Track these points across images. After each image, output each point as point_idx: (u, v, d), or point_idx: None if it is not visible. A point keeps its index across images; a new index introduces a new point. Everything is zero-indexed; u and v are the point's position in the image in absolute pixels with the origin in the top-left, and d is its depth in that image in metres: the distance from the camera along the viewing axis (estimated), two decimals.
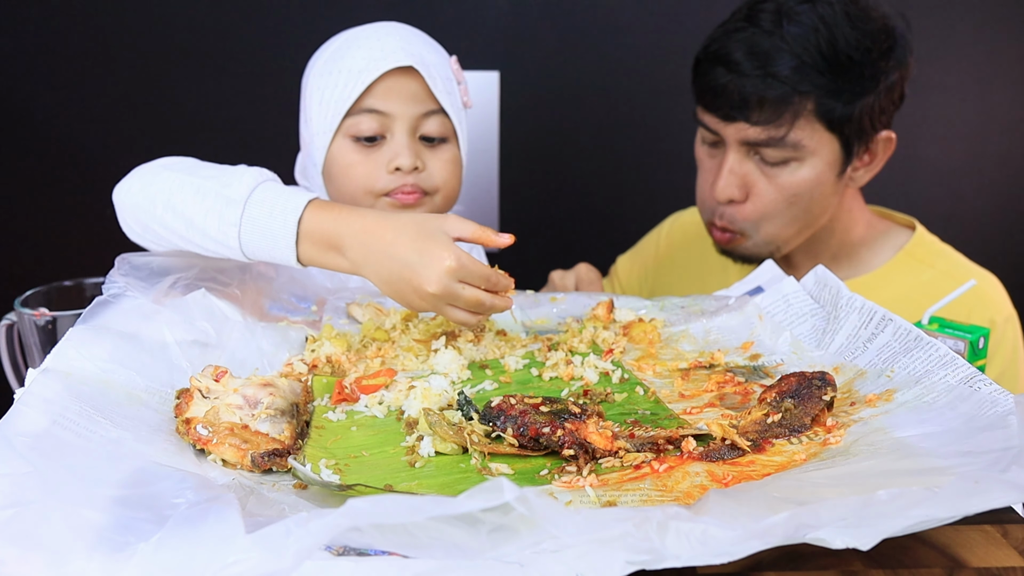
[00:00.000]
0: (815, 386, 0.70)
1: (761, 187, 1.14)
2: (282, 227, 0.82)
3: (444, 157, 1.08)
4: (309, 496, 0.60)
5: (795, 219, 1.16)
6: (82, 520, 0.50)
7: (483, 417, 0.67)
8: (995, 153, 1.65)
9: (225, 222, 0.82)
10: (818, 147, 1.11)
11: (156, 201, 0.85)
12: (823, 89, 1.07)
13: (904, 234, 1.26)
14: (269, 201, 0.82)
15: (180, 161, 0.89)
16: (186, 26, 1.58)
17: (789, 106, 1.08)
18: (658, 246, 1.45)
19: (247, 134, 1.62)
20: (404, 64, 1.02)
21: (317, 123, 1.06)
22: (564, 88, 1.63)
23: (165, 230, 0.85)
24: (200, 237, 0.84)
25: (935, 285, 1.18)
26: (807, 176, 1.12)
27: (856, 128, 1.11)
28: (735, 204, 1.16)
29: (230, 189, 0.83)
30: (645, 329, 0.92)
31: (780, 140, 1.09)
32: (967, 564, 0.53)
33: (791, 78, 1.07)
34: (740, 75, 1.09)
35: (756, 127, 1.09)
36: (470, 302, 0.79)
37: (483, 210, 1.67)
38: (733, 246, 1.20)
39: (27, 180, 1.63)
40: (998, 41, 1.59)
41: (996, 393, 0.63)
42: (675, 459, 0.63)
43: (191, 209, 0.83)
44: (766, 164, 1.13)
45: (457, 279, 0.78)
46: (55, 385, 0.63)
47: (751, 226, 1.17)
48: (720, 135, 1.14)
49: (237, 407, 0.69)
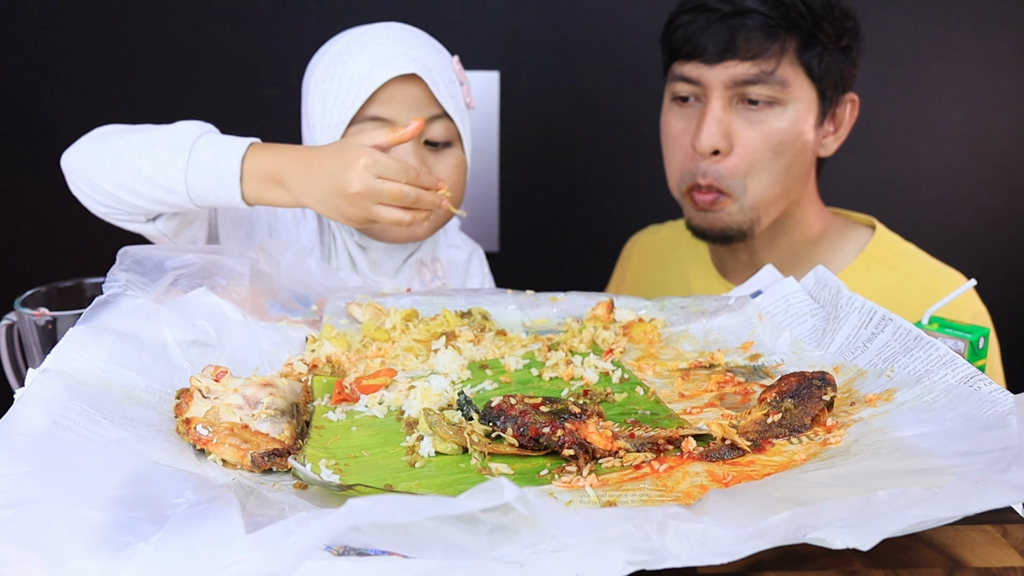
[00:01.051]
0: (815, 386, 0.70)
1: (747, 136, 1.13)
2: (226, 167, 0.88)
3: (449, 162, 1.08)
4: (309, 496, 0.60)
5: (780, 176, 1.15)
6: (82, 520, 0.50)
7: (483, 417, 0.67)
8: (995, 153, 1.65)
9: (172, 167, 0.88)
10: (800, 93, 1.13)
11: (104, 157, 0.91)
12: (801, 31, 1.11)
13: (864, 233, 1.25)
14: (214, 145, 0.89)
15: (124, 126, 0.95)
16: (187, 26, 1.58)
17: (776, 40, 1.10)
18: (624, 273, 1.44)
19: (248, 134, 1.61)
20: (407, 71, 1.02)
21: (320, 130, 1.06)
22: (564, 88, 1.63)
23: (113, 185, 0.91)
24: (148, 186, 0.89)
25: (898, 288, 1.17)
26: (791, 121, 1.13)
27: (829, 81, 1.14)
28: (720, 158, 1.14)
29: (176, 138, 0.89)
30: (645, 329, 0.92)
31: (770, 75, 1.11)
32: (967, 564, 0.53)
33: (768, 13, 1.10)
34: (718, 15, 1.11)
35: (746, 62, 1.11)
36: (394, 195, 0.85)
37: (483, 210, 1.67)
38: (717, 209, 1.17)
39: (27, 180, 1.63)
40: (998, 41, 1.59)
41: (996, 393, 0.63)
42: (675, 459, 0.63)
43: (139, 160, 0.89)
44: (751, 110, 1.13)
45: (375, 174, 0.85)
46: (55, 385, 0.63)
47: (738, 183, 1.15)
48: (701, 83, 1.14)
49: (237, 407, 0.69)
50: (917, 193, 1.66)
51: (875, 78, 1.58)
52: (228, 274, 0.90)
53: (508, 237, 1.70)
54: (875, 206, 1.49)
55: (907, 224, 1.41)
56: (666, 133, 1.21)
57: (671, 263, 1.34)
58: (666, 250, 1.38)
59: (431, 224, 1.10)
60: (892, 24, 1.58)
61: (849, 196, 1.60)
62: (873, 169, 1.65)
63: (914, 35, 1.60)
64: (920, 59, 1.61)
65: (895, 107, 1.62)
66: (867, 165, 1.64)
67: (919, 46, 1.60)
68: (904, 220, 1.46)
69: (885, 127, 1.63)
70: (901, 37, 1.59)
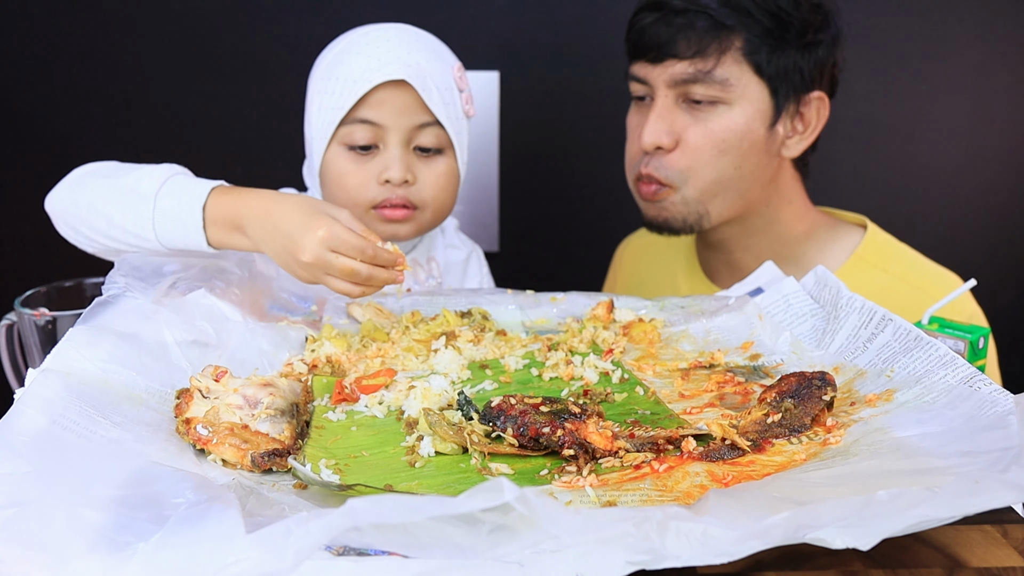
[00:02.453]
0: (815, 386, 0.70)
1: (690, 134, 1.13)
2: (189, 215, 0.88)
3: (438, 170, 1.07)
4: (309, 496, 0.60)
5: (725, 174, 1.14)
6: (82, 520, 0.50)
7: (483, 417, 0.67)
8: (995, 153, 1.65)
9: (140, 216, 0.89)
10: (746, 91, 1.11)
11: (79, 204, 0.92)
12: (749, 29, 1.09)
13: (855, 234, 1.22)
14: (176, 193, 0.89)
15: (101, 166, 0.95)
16: (188, 26, 1.58)
17: (715, 39, 1.09)
18: (616, 277, 1.44)
19: (249, 135, 1.62)
20: (397, 77, 1.01)
21: (315, 128, 1.06)
22: (564, 88, 1.63)
23: (91, 231, 0.92)
24: (121, 233, 0.90)
25: (891, 291, 1.15)
26: (736, 121, 1.12)
27: (784, 80, 1.12)
28: (663, 153, 1.14)
29: (141, 185, 0.90)
30: (645, 329, 0.92)
31: (707, 74, 1.10)
32: (967, 564, 0.53)
33: (717, 11, 1.09)
34: (668, 13, 1.11)
35: (683, 61, 1.10)
36: (344, 271, 0.85)
37: (483, 210, 1.67)
38: (660, 200, 1.17)
39: (27, 180, 1.63)
40: (998, 41, 1.59)
41: (996, 393, 0.63)
42: (675, 459, 0.63)
43: (109, 207, 0.90)
44: (695, 108, 1.12)
45: (328, 248, 0.84)
46: (55, 385, 0.63)
47: (679, 176, 1.14)
48: (647, 82, 1.14)
49: (237, 407, 0.69)
50: (917, 193, 1.66)
51: (875, 78, 1.58)
52: (227, 277, 0.90)
53: (508, 237, 1.70)
54: (874, 206, 1.48)
55: (907, 224, 1.41)
56: (627, 131, 1.23)
57: (660, 266, 1.33)
58: (655, 253, 1.38)
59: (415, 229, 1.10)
60: (892, 24, 1.58)
61: (848, 196, 1.60)
62: (872, 169, 1.65)
63: (914, 35, 1.60)
64: (920, 59, 1.61)
65: (895, 107, 1.62)
66: (866, 165, 1.64)
67: (919, 46, 1.60)
68: (904, 220, 1.46)
69: (885, 127, 1.63)
70: (901, 37, 1.59)
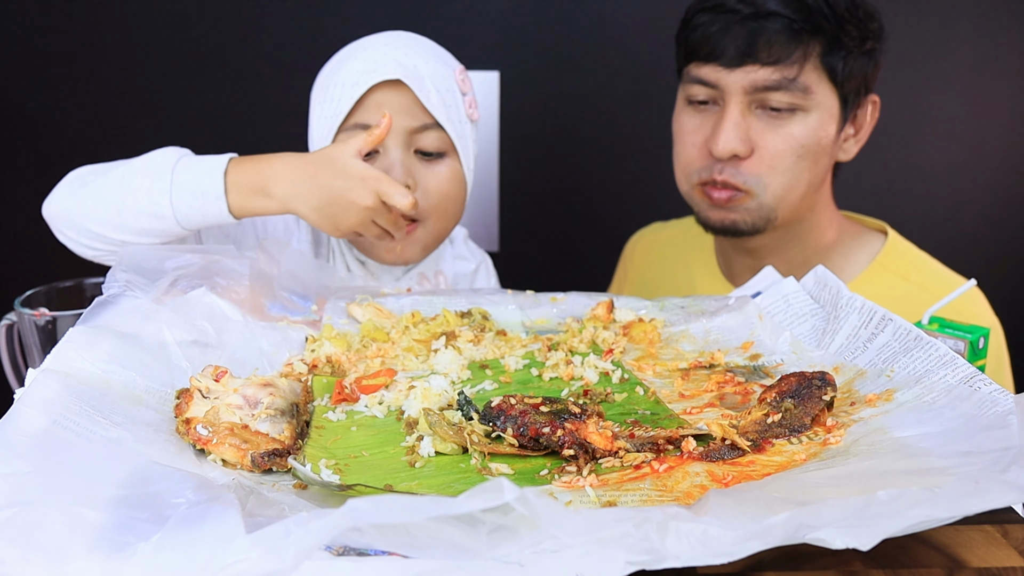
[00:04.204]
0: (815, 386, 0.70)
1: (768, 141, 1.09)
2: (209, 183, 0.89)
3: (440, 174, 1.05)
4: (309, 496, 0.60)
5: (801, 177, 1.11)
6: (82, 520, 0.49)
7: (483, 417, 0.67)
8: (995, 153, 1.65)
9: (156, 192, 0.89)
10: (823, 98, 1.09)
11: (85, 199, 0.92)
12: (826, 35, 1.07)
13: (876, 240, 1.22)
14: (195, 166, 0.90)
15: (96, 166, 0.96)
16: (188, 26, 1.58)
17: (799, 44, 1.06)
18: (626, 271, 1.42)
19: (249, 135, 1.62)
20: (391, 77, 1.00)
21: (316, 138, 1.05)
22: (564, 88, 1.63)
23: (98, 224, 0.91)
24: (133, 217, 0.90)
25: (910, 299, 1.14)
26: (813, 128, 1.09)
27: (851, 85, 1.10)
28: (738, 161, 1.10)
29: (155, 164, 0.90)
30: (645, 329, 0.92)
31: (792, 81, 1.06)
32: (967, 564, 0.53)
33: (795, 17, 1.05)
34: (744, 17, 1.06)
35: (767, 67, 1.06)
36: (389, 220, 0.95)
37: (483, 210, 1.67)
38: (733, 206, 1.13)
39: (27, 180, 1.63)
40: (998, 41, 1.60)
41: (996, 393, 0.63)
42: (675, 459, 0.63)
43: (121, 193, 0.90)
44: (771, 116, 1.09)
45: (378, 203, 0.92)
46: (55, 385, 0.63)
47: (757, 181, 1.11)
48: (719, 87, 1.10)
49: (237, 407, 0.69)
50: (917, 193, 1.67)
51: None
52: (228, 274, 0.90)
53: (508, 237, 1.70)
54: (875, 206, 1.49)
55: (908, 224, 1.41)
56: (678, 130, 1.17)
57: (676, 263, 1.32)
58: (671, 249, 1.37)
59: (421, 247, 1.09)
60: (892, 24, 1.58)
61: (848, 196, 1.60)
62: (872, 169, 1.65)
63: (914, 35, 1.60)
64: (920, 59, 1.61)
65: (896, 107, 1.62)
66: (866, 165, 1.64)
67: (919, 46, 1.60)
68: (904, 220, 1.46)
69: (885, 127, 1.63)
70: (901, 37, 1.59)
